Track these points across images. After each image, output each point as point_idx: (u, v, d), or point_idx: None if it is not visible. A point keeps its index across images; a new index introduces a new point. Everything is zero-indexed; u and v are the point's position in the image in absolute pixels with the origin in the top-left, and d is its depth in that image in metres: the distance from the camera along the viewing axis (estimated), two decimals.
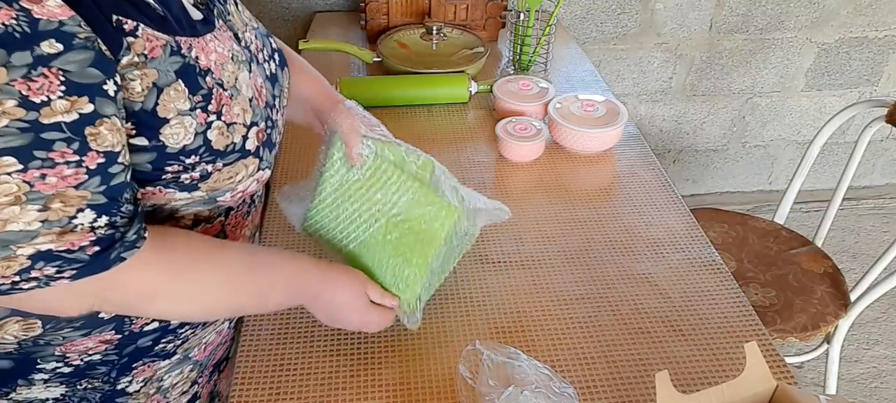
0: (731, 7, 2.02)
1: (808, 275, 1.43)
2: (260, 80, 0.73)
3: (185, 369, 0.81)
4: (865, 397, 1.79)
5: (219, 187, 0.68)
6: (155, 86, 0.59)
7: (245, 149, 0.68)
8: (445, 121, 1.34)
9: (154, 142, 0.60)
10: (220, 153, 0.65)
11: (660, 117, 2.22)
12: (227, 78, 0.67)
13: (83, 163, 0.54)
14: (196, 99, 0.62)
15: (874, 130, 1.39)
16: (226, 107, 0.65)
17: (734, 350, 0.84)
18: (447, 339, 0.85)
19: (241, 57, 0.70)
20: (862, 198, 2.48)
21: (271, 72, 0.77)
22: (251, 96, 0.69)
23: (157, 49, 0.60)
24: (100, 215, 0.56)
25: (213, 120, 0.64)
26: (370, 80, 1.40)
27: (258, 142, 0.70)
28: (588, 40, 2.03)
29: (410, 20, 1.64)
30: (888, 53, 2.18)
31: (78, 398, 0.73)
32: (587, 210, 1.09)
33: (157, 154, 0.61)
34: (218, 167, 0.66)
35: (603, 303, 0.91)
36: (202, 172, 0.65)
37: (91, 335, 0.68)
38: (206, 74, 0.64)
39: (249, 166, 0.70)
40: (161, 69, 0.60)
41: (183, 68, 0.62)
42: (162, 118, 0.60)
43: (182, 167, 0.63)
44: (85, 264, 0.56)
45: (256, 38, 0.77)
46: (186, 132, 0.62)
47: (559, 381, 0.74)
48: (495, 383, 0.71)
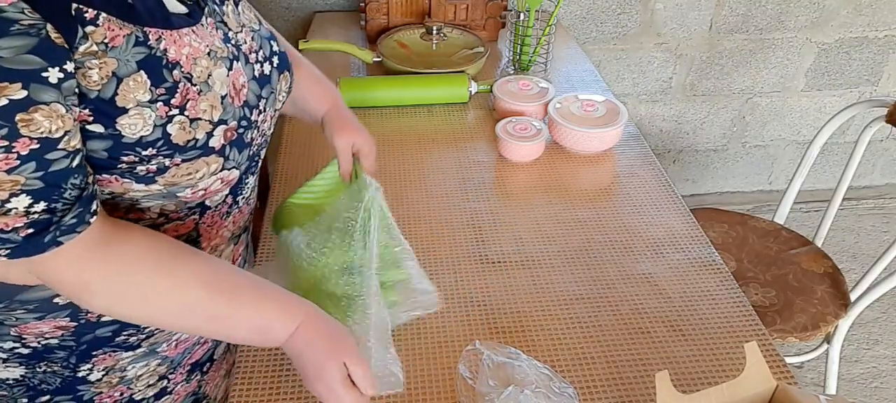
0: (731, 7, 2.02)
1: (808, 275, 1.43)
2: (243, 80, 0.72)
3: (152, 363, 0.80)
4: (865, 397, 1.79)
5: (177, 182, 0.67)
6: (114, 76, 0.59)
7: (208, 146, 0.67)
8: (445, 121, 1.34)
9: (110, 130, 0.60)
10: (178, 147, 0.64)
11: (660, 117, 2.22)
12: (199, 73, 0.66)
13: (14, 149, 0.53)
14: (159, 91, 0.62)
15: (874, 130, 1.39)
16: (191, 101, 0.65)
17: (734, 350, 0.84)
18: (447, 339, 0.85)
19: (221, 53, 0.69)
20: (862, 198, 2.48)
21: (262, 73, 0.76)
22: (224, 93, 0.68)
23: (119, 38, 0.59)
24: (37, 200, 0.56)
25: (174, 114, 0.63)
26: (370, 80, 1.40)
27: (225, 140, 0.69)
28: (588, 40, 2.03)
29: (410, 20, 1.64)
30: (888, 53, 2.18)
31: (37, 380, 0.74)
32: (587, 210, 1.09)
33: (113, 142, 0.61)
34: (176, 162, 0.65)
35: (603, 303, 0.91)
36: (159, 166, 0.64)
37: (45, 319, 0.69)
38: (173, 67, 0.63)
39: (212, 164, 0.68)
40: (121, 59, 0.59)
41: (147, 59, 0.61)
42: (120, 107, 0.60)
43: (138, 158, 0.63)
44: (17, 245, 0.56)
45: (253, 39, 0.76)
46: (144, 123, 0.61)
47: (559, 381, 0.74)
48: (495, 383, 0.71)
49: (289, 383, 0.79)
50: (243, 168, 0.74)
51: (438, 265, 0.97)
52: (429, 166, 1.19)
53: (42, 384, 0.74)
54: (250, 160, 0.76)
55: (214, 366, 0.91)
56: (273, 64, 0.78)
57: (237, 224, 0.82)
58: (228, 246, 0.82)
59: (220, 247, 0.80)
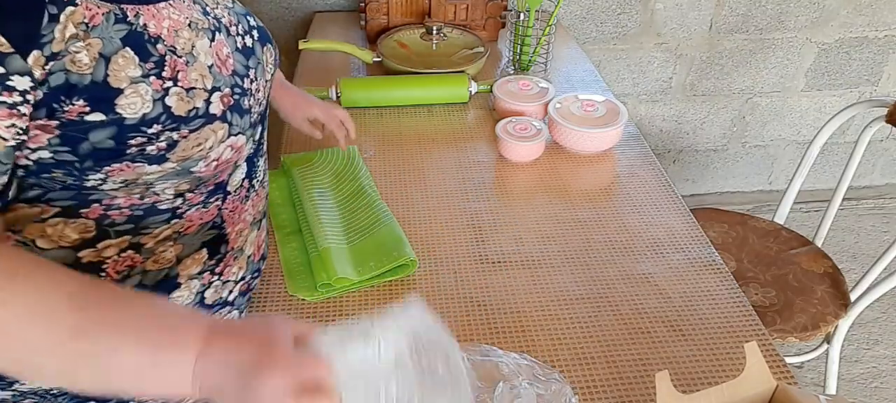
0: (731, 7, 2.02)
1: (808, 275, 1.43)
2: (226, 50, 0.71)
3: None
4: (865, 397, 1.79)
5: (189, 155, 0.65)
6: (101, 56, 0.57)
7: (209, 113, 0.66)
8: (445, 121, 1.34)
9: (111, 115, 0.58)
10: (182, 119, 0.63)
11: (660, 117, 2.22)
12: (182, 45, 0.65)
13: None
14: (148, 65, 0.61)
15: (874, 130, 1.39)
16: (181, 72, 0.64)
17: (734, 350, 0.84)
18: None
19: (201, 25, 0.68)
20: (862, 198, 2.48)
21: (245, 45, 0.75)
22: (211, 64, 0.68)
23: (98, 16, 0.58)
24: None
25: (169, 85, 0.62)
26: (370, 80, 1.40)
27: (224, 106, 0.68)
28: (588, 40, 2.03)
29: (410, 20, 1.64)
30: (888, 53, 2.18)
31: None
32: (587, 210, 1.09)
33: (117, 127, 0.59)
34: (184, 134, 0.64)
35: (603, 303, 0.91)
36: (168, 141, 0.63)
37: None
38: (156, 41, 0.62)
39: (218, 132, 0.67)
40: (105, 37, 0.58)
41: (129, 35, 0.60)
42: (115, 88, 0.58)
43: (146, 138, 0.61)
44: None
45: (229, 14, 0.75)
46: (143, 100, 0.60)
47: (541, 368, 0.73)
48: (482, 383, 0.71)
49: None
50: (248, 135, 0.73)
51: (438, 265, 0.97)
52: (429, 166, 1.19)
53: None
54: (253, 128, 0.75)
55: None
56: (253, 37, 0.78)
57: (256, 208, 0.81)
58: (252, 232, 0.82)
59: (245, 232, 0.79)
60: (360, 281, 0.92)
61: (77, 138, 0.58)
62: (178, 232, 0.69)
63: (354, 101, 1.35)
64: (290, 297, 0.91)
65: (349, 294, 0.91)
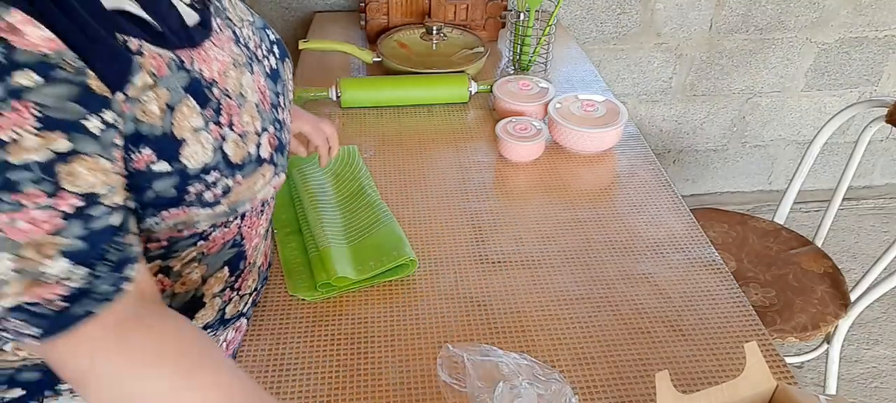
0: (731, 7, 2.02)
1: (808, 275, 1.43)
2: (262, 80, 0.71)
3: None
4: (865, 397, 1.79)
5: (239, 199, 0.66)
6: (168, 107, 0.57)
7: (260, 157, 0.66)
8: (445, 121, 1.34)
9: (176, 164, 0.57)
10: (237, 166, 0.63)
11: (660, 117, 2.22)
12: (232, 86, 0.65)
13: (56, 207, 0.48)
14: (207, 113, 0.60)
15: (874, 130, 1.39)
16: (235, 116, 0.63)
17: (734, 350, 0.84)
18: (447, 339, 0.85)
19: (241, 60, 0.68)
20: (862, 197, 2.48)
21: (272, 68, 0.75)
22: (257, 101, 0.68)
23: (163, 67, 0.57)
24: (76, 264, 0.50)
25: (226, 132, 0.62)
26: (370, 80, 1.40)
27: (271, 148, 0.68)
28: (588, 40, 2.03)
29: (410, 20, 1.64)
30: (888, 53, 2.18)
31: None
32: (587, 210, 1.09)
33: (180, 177, 0.58)
34: (238, 180, 0.63)
35: (603, 303, 0.91)
36: (224, 187, 0.63)
37: None
38: (211, 86, 0.62)
39: (266, 174, 0.68)
40: (171, 87, 0.57)
41: (190, 83, 0.59)
42: (179, 139, 0.57)
43: (204, 186, 0.61)
44: (52, 320, 0.50)
45: (253, 33, 0.75)
46: (204, 149, 0.59)
47: (541, 368, 0.73)
48: (482, 383, 0.71)
49: (289, 383, 0.79)
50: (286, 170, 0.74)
51: (438, 265, 0.97)
52: (429, 166, 1.19)
53: None
54: (286, 162, 0.75)
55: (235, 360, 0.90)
56: (275, 55, 0.78)
57: (267, 218, 0.81)
58: (263, 242, 0.82)
59: (258, 244, 0.80)
60: (359, 281, 0.92)
61: (143, 187, 0.58)
62: (202, 253, 0.69)
63: (354, 101, 1.35)
64: (290, 297, 0.91)
65: (349, 293, 0.91)
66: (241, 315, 0.80)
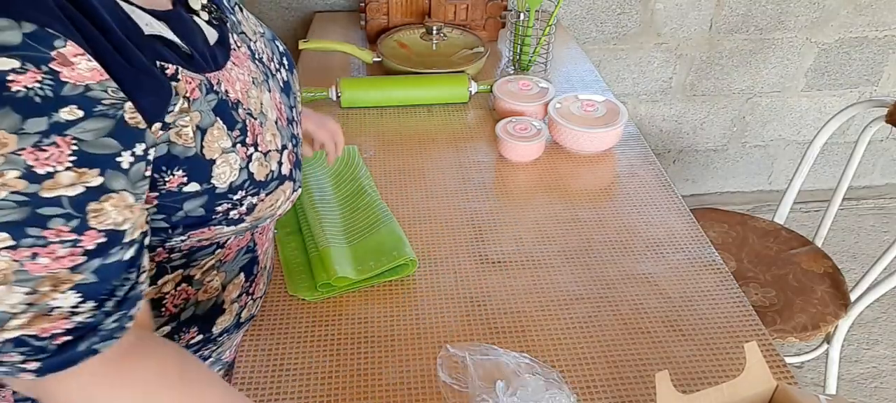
0: (731, 7, 2.02)
1: (808, 275, 1.43)
2: (278, 96, 0.72)
3: (215, 369, 0.80)
4: (865, 397, 1.79)
5: (262, 216, 0.67)
6: (198, 129, 0.57)
7: (281, 174, 0.67)
8: (445, 121, 1.34)
9: (205, 185, 0.58)
10: (262, 184, 0.64)
11: (660, 117, 2.22)
12: (254, 105, 0.65)
13: (79, 244, 0.47)
14: (235, 134, 0.61)
15: (874, 130, 1.39)
16: (260, 136, 0.64)
17: (734, 350, 0.84)
18: (447, 339, 0.85)
19: (259, 77, 0.69)
20: (862, 197, 2.48)
21: (285, 81, 0.76)
22: (276, 118, 0.68)
23: (196, 90, 0.58)
24: (86, 298, 0.49)
25: (252, 152, 0.62)
26: (370, 80, 1.40)
27: (290, 164, 0.69)
28: (588, 40, 2.03)
29: (410, 20, 1.64)
30: (888, 53, 2.18)
31: None
32: (587, 210, 1.09)
33: (209, 197, 0.59)
34: (262, 198, 0.64)
35: (603, 303, 0.91)
36: (249, 206, 0.63)
37: None
38: (237, 107, 0.62)
39: (287, 190, 0.69)
40: (202, 110, 0.58)
41: (219, 104, 0.60)
42: (209, 160, 0.58)
43: (231, 205, 0.61)
44: (50, 356, 0.48)
45: (266, 46, 0.76)
46: (231, 169, 0.60)
47: (540, 366, 0.73)
48: (482, 382, 0.71)
49: (289, 383, 0.79)
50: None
51: (438, 265, 0.97)
52: (429, 166, 1.19)
53: None
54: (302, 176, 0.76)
55: None
56: (285, 66, 0.78)
57: (274, 223, 0.82)
58: (270, 245, 0.83)
59: (267, 248, 0.80)
60: (360, 281, 0.92)
61: (173, 208, 0.58)
62: (220, 260, 0.69)
63: (354, 101, 1.35)
64: (290, 297, 0.91)
65: (349, 293, 0.91)
66: (252, 317, 0.81)
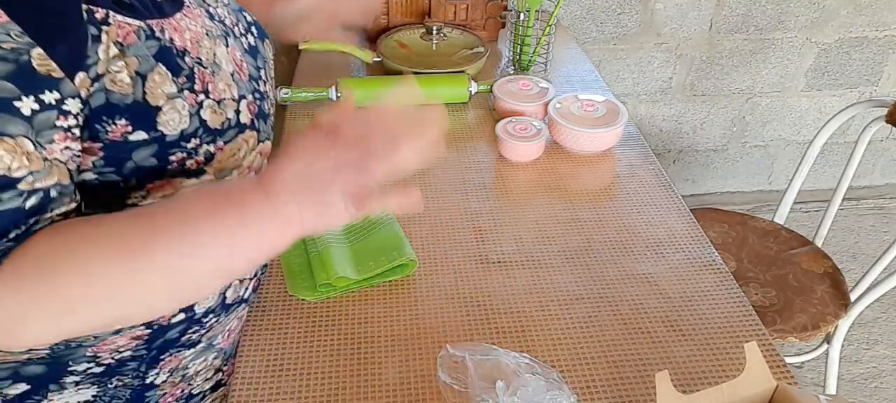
0: (731, 7, 2.02)
1: (808, 275, 1.43)
2: (238, 54, 0.72)
3: (209, 356, 0.81)
4: (865, 397, 1.79)
5: (225, 166, 0.66)
6: (138, 75, 0.57)
7: (240, 123, 0.67)
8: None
9: (153, 132, 0.59)
10: (217, 131, 0.64)
11: (660, 117, 2.23)
12: (206, 55, 0.65)
13: None
14: (181, 80, 0.61)
15: (874, 130, 1.39)
16: (210, 84, 0.64)
17: (734, 350, 0.84)
18: (447, 339, 0.85)
19: (215, 31, 0.69)
20: (862, 197, 2.48)
21: (250, 45, 0.76)
22: (232, 70, 0.68)
23: (131, 35, 0.58)
24: None
25: (202, 99, 0.63)
26: (370, 80, 1.40)
27: (251, 114, 0.69)
28: (588, 40, 2.03)
29: (410, 20, 1.64)
30: (888, 53, 2.18)
31: (108, 397, 0.73)
32: (587, 210, 1.09)
33: (158, 144, 0.59)
34: (220, 146, 0.65)
35: (603, 303, 0.91)
36: (206, 154, 0.64)
37: (122, 331, 0.68)
38: (183, 55, 0.63)
39: (249, 140, 0.69)
40: (140, 55, 0.58)
41: (160, 51, 0.60)
42: (154, 106, 0.58)
43: (185, 153, 0.62)
44: None
45: (230, 12, 0.75)
46: (180, 116, 0.60)
47: (540, 366, 0.73)
48: (482, 382, 0.70)
49: (289, 383, 0.79)
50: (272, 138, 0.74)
51: (438, 265, 0.97)
52: (429, 166, 1.19)
53: (112, 400, 0.73)
54: (271, 130, 0.76)
55: None
56: (253, 34, 0.78)
57: None
58: None
59: None
60: (359, 281, 0.92)
61: (121, 158, 0.58)
62: None
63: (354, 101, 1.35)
64: (289, 297, 0.91)
65: (349, 293, 0.91)
66: (242, 301, 0.81)
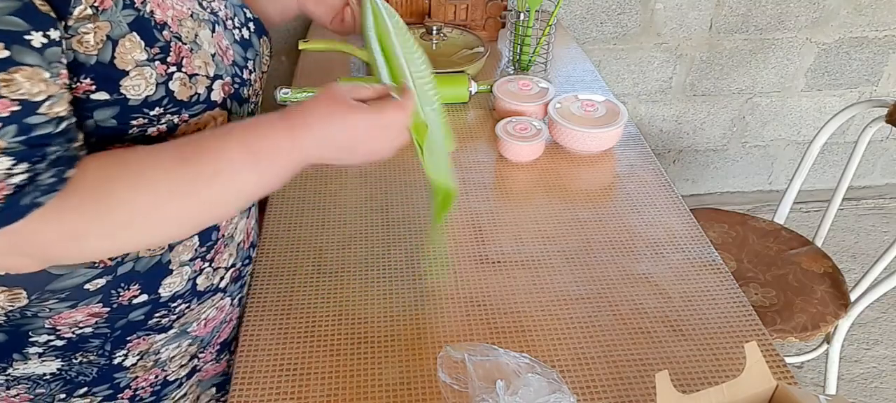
0: (731, 7, 2.02)
1: (808, 275, 1.43)
2: (226, 42, 0.73)
3: (184, 343, 0.81)
4: (865, 397, 1.79)
5: None
6: (109, 39, 0.59)
7: (210, 100, 0.68)
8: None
9: (115, 94, 0.61)
10: (184, 104, 0.65)
11: (660, 117, 2.23)
12: (186, 33, 0.67)
13: None
14: (153, 50, 0.62)
15: (874, 130, 1.39)
16: (185, 59, 0.66)
17: (734, 350, 0.84)
18: (447, 339, 0.85)
19: (202, 16, 0.70)
20: (862, 197, 2.48)
21: (243, 38, 0.77)
22: (213, 52, 0.70)
23: (108, 1, 0.60)
24: (18, 161, 0.54)
25: (173, 71, 0.64)
26: (370, 80, 1.40)
27: (224, 93, 0.70)
28: (588, 40, 2.03)
29: (410, 20, 1.64)
30: (888, 53, 2.18)
31: (74, 372, 0.74)
32: (587, 210, 1.09)
33: (120, 107, 0.61)
34: (184, 118, 0.66)
35: (603, 303, 0.91)
36: (168, 124, 0.65)
37: (78, 307, 0.69)
38: (162, 28, 0.64)
39: (218, 119, 0.70)
40: (114, 20, 0.60)
41: (136, 20, 0.62)
42: (121, 70, 0.60)
43: (147, 120, 0.63)
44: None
45: (226, 6, 0.77)
46: (147, 83, 0.62)
47: (540, 366, 0.73)
48: (482, 383, 0.70)
49: (289, 383, 0.79)
50: None
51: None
52: None
53: (79, 376, 0.74)
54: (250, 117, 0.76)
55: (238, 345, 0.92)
56: (250, 29, 0.80)
57: None
58: (241, 219, 0.83)
59: (235, 220, 0.81)
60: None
61: (83, 116, 0.61)
62: None
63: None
64: (289, 297, 0.91)
65: (348, 294, 0.91)
66: (216, 290, 0.81)
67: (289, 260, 0.97)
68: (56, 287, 0.67)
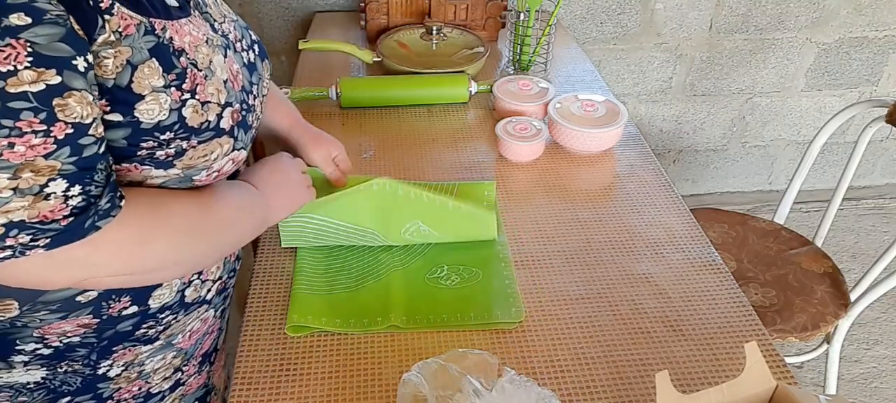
0: (731, 7, 2.02)
1: (808, 275, 1.43)
2: (236, 66, 0.75)
3: (169, 355, 0.81)
4: (865, 397, 1.79)
5: (194, 165, 0.69)
6: (129, 64, 0.61)
7: (219, 127, 0.70)
8: (445, 122, 1.34)
9: (128, 117, 0.62)
10: (194, 130, 0.67)
11: (660, 117, 2.23)
12: (202, 59, 0.69)
13: (51, 133, 0.55)
14: (170, 77, 0.65)
15: (874, 130, 1.39)
16: (199, 86, 0.68)
17: (734, 350, 0.84)
18: (448, 339, 0.85)
19: (216, 41, 0.73)
20: (862, 198, 2.48)
21: (249, 61, 0.80)
22: (226, 78, 0.72)
23: (131, 27, 0.62)
24: (72, 184, 0.57)
25: (187, 98, 0.66)
26: (370, 80, 1.40)
27: (233, 121, 0.72)
28: (588, 40, 2.03)
29: (410, 20, 1.64)
30: (888, 53, 2.18)
31: (58, 381, 0.74)
32: (587, 210, 1.09)
33: (132, 129, 0.63)
34: (192, 144, 0.68)
35: (603, 303, 0.91)
36: (177, 149, 0.67)
37: (68, 318, 0.69)
38: (180, 54, 0.66)
39: (224, 145, 0.71)
40: (135, 46, 0.62)
41: (156, 47, 0.64)
42: (137, 94, 0.62)
43: (157, 143, 0.65)
44: (59, 232, 0.57)
45: (235, 28, 0.80)
46: (161, 108, 0.64)
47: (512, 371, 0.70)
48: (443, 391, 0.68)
49: (289, 383, 0.79)
50: (248, 149, 0.78)
51: None
52: (429, 166, 1.19)
53: (63, 385, 0.74)
54: (252, 141, 0.79)
55: (218, 356, 0.93)
56: (255, 51, 0.82)
57: None
58: None
59: None
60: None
61: None
62: None
63: (354, 101, 1.35)
64: (289, 296, 0.91)
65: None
66: (202, 301, 0.81)
67: (289, 260, 0.97)
68: (48, 298, 0.67)
